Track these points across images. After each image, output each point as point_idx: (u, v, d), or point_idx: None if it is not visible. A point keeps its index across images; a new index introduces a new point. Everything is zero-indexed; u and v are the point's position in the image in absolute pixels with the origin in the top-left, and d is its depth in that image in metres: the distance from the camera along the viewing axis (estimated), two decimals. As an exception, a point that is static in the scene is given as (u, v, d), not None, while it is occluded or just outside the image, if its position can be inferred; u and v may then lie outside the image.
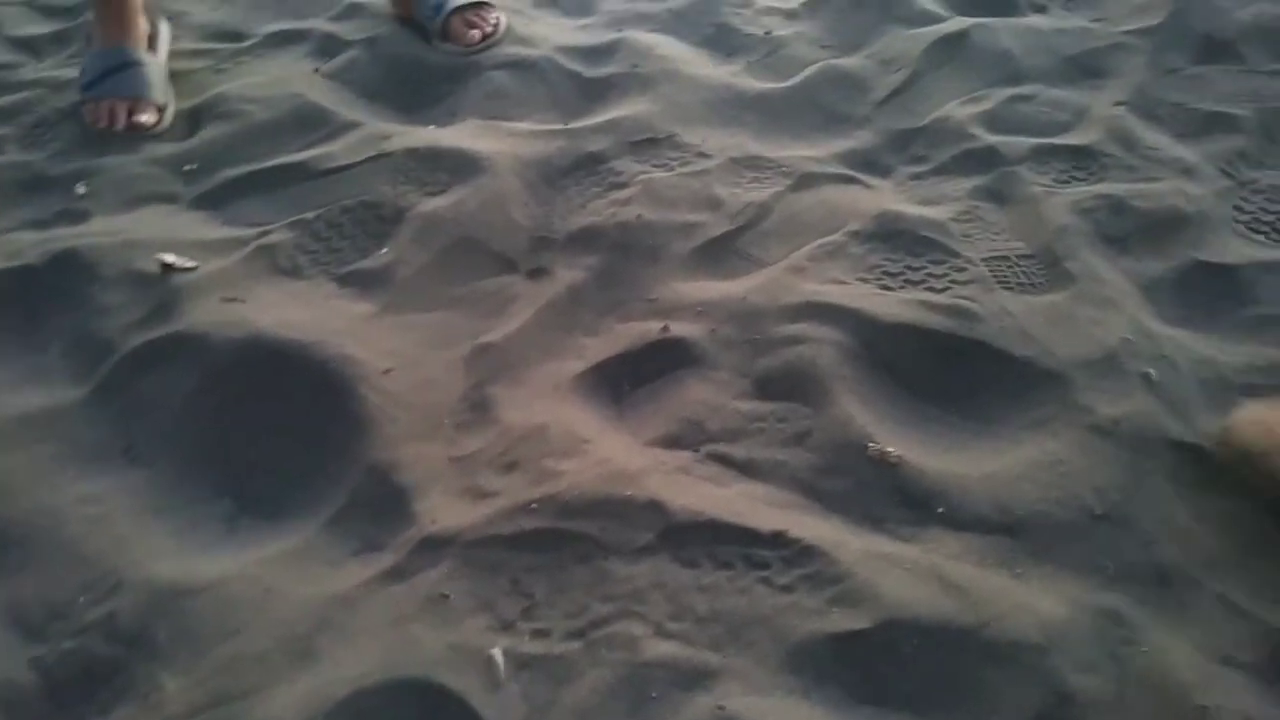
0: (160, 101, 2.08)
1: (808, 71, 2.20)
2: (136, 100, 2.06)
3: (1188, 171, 1.81)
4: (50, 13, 2.63)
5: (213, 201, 1.86)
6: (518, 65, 2.21)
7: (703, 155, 1.93)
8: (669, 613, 1.11)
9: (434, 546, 1.19)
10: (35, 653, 1.11)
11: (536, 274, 1.69)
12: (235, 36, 2.45)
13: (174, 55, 2.34)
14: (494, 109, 2.10)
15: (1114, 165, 1.84)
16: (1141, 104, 2.02)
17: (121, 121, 2.05)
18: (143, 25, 2.21)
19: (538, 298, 1.62)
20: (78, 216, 1.80)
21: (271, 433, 1.37)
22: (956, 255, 1.63)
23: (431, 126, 2.04)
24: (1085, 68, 2.15)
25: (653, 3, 2.52)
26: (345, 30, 2.41)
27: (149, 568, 1.18)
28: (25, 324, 1.57)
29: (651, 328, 1.52)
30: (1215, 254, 1.63)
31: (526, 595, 1.14)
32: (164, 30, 2.29)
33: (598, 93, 2.17)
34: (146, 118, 2.07)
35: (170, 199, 1.87)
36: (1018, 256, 1.64)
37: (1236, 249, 1.64)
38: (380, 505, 1.26)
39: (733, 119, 2.07)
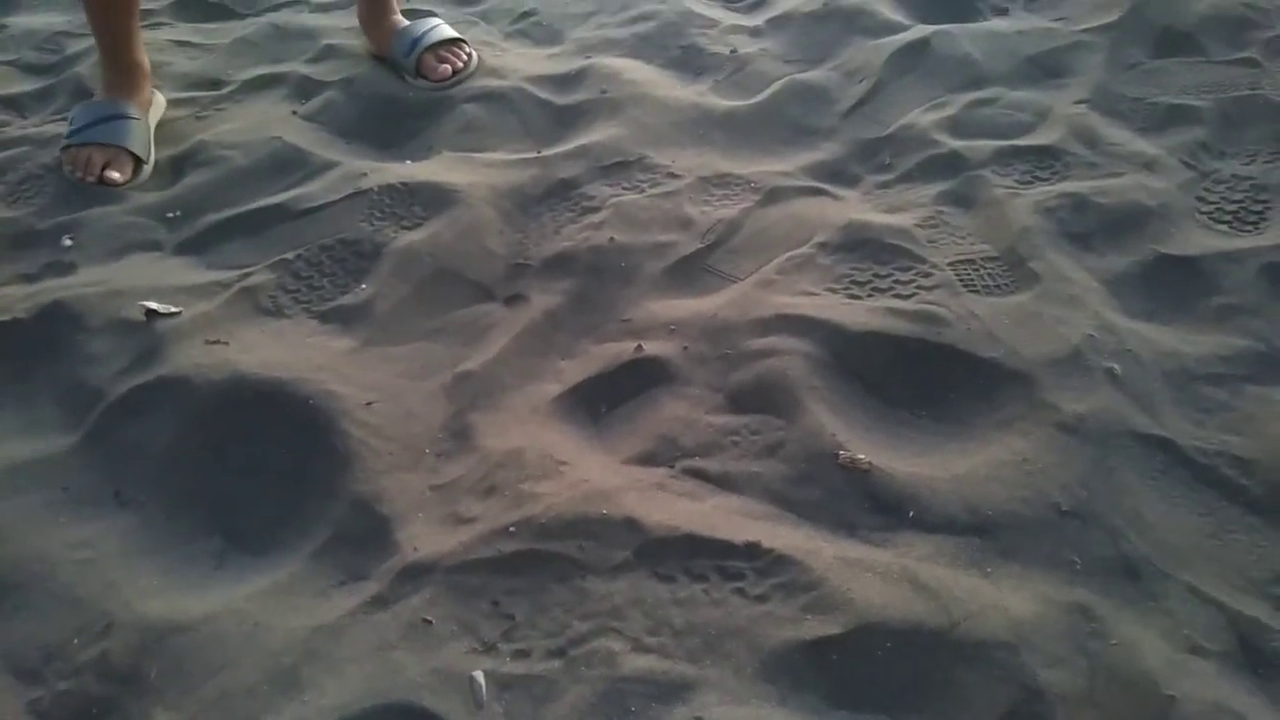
0: (139, 154, 2.12)
1: (773, 87, 2.24)
2: (116, 152, 2.09)
3: (1150, 165, 1.85)
4: (34, 71, 2.68)
5: (196, 247, 1.90)
6: (489, 97, 2.26)
7: (673, 175, 1.97)
8: (646, 627, 1.14)
9: (416, 574, 1.22)
10: (33, 695, 1.14)
11: (513, 301, 1.73)
12: (214, 84, 2.50)
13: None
14: (467, 141, 2.15)
15: (1076, 163, 1.87)
16: (1102, 101, 2.05)
17: (95, 174, 2.08)
18: (146, 90, 2.26)
19: (515, 324, 1.65)
20: (64, 269, 1.84)
21: (257, 470, 1.40)
22: (923, 261, 1.66)
23: (407, 162, 2.09)
24: (1046, 68, 2.19)
25: (620, 28, 2.57)
26: (321, 72, 2.46)
27: (140, 607, 1.21)
28: (16, 376, 1.60)
29: (626, 348, 1.56)
30: (1178, 246, 1.65)
31: (507, 617, 1.17)
32: (159, 100, 2.34)
33: (569, 119, 2.21)
34: (118, 175, 2.06)
35: (154, 246, 1.91)
36: (983, 259, 1.67)
37: (1200, 240, 1.67)
38: (363, 536, 1.29)
39: (701, 138, 2.11)
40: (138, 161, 2.12)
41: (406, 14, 2.60)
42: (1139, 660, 1.08)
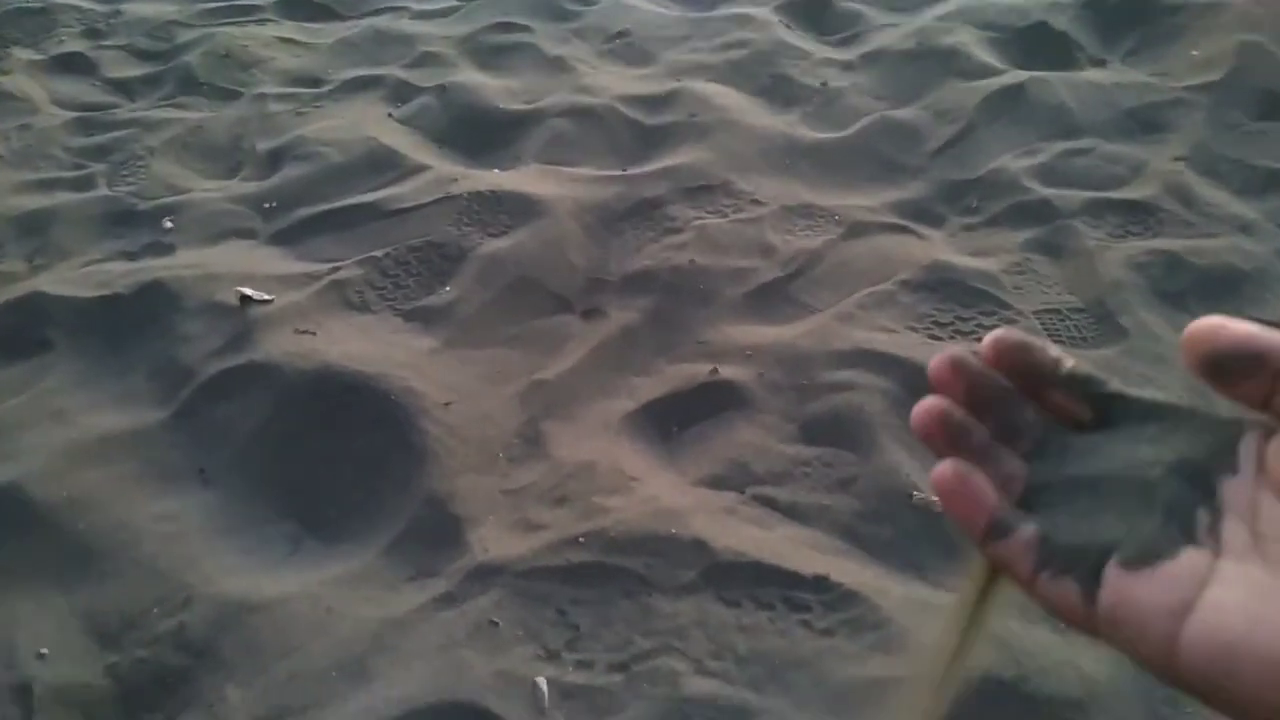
0: None
1: (863, 122, 2.24)
2: None
3: (1246, 228, 1.81)
4: (146, 56, 2.80)
5: (289, 238, 1.96)
6: (579, 113, 2.29)
7: (756, 203, 1.98)
8: (710, 651, 1.14)
9: (485, 575, 1.24)
10: (111, 660, 1.17)
11: (591, 314, 1.75)
12: (315, 82, 2.58)
13: (257, 99, 2.47)
14: (555, 154, 2.18)
15: (1171, 220, 1.84)
16: (1201, 160, 2.01)
17: None
18: None
19: (591, 337, 1.67)
20: (164, 249, 1.91)
21: (336, 459, 1.43)
22: (1007, 307, 1.64)
23: (496, 170, 2.13)
24: (1144, 122, 2.16)
25: (713, 53, 2.59)
26: (417, 77, 2.53)
27: (218, 584, 1.25)
28: (112, 349, 1.67)
29: (701, 370, 1.56)
30: (1274, 312, 1.61)
31: (572, 627, 1.18)
32: None
33: (656, 140, 2.24)
34: None
35: (250, 235, 1.98)
36: (1069, 310, 1.65)
37: (1295, 307, 1.63)
38: (435, 533, 1.32)
39: (787, 167, 2.12)
40: None
41: (503, 27, 2.66)
42: (1215, 733, 1.05)
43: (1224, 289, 1.66)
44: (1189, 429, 0.38)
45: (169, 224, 1.99)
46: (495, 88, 2.46)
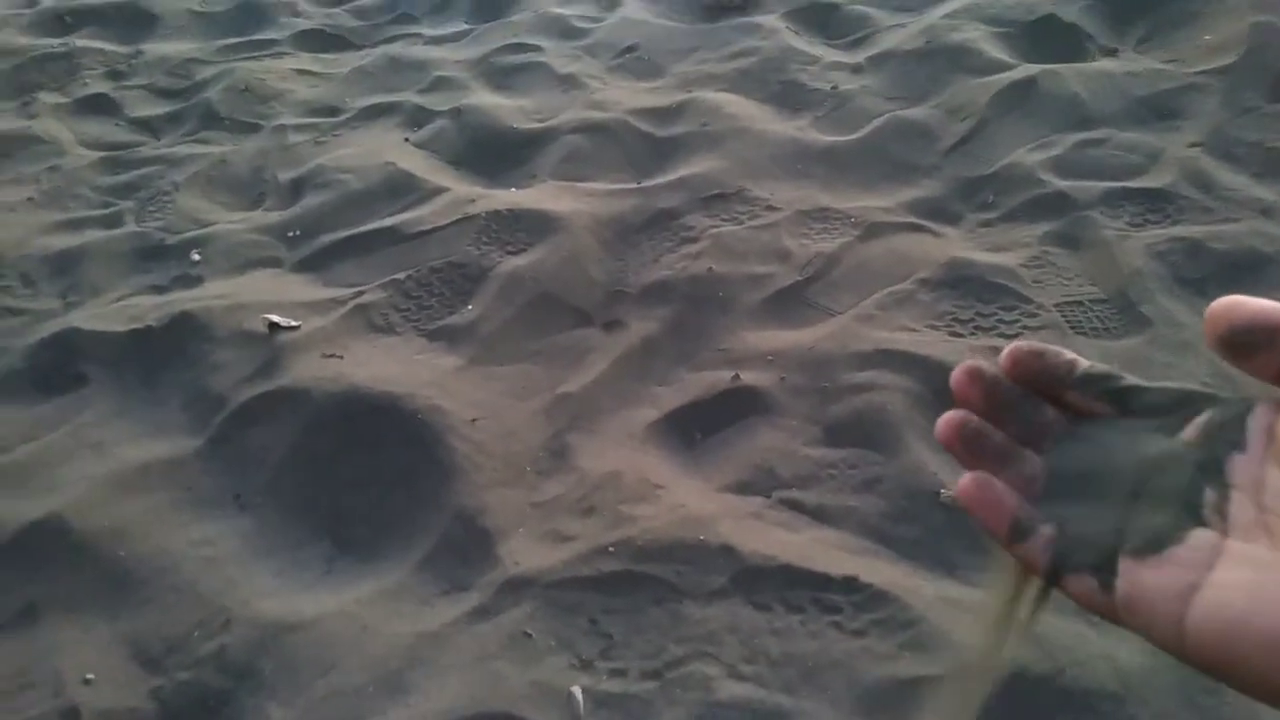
0: None
1: (874, 123, 2.25)
2: None
3: (1267, 211, 1.79)
4: (168, 95, 2.87)
5: (314, 265, 2.00)
6: (592, 129, 2.32)
7: (771, 208, 1.99)
8: (742, 655, 1.15)
9: (517, 587, 1.25)
10: (155, 683, 1.20)
11: (612, 326, 1.76)
12: (332, 111, 2.63)
13: (277, 130, 2.52)
14: (571, 171, 2.21)
15: (1190, 207, 1.83)
16: (1217, 144, 2.00)
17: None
18: None
19: (613, 349, 1.69)
20: (192, 282, 1.96)
21: (367, 479, 1.45)
22: (1028, 301, 1.64)
23: (513, 189, 2.16)
24: (1158, 110, 2.14)
25: (721, 63, 2.61)
26: (432, 101, 2.57)
27: (256, 606, 1.27)
28: (145, 381, 1.71)
29: (723, 376, 1.57)
30: (1299, 294, 1.60)
31: (605, 636, 1.19)
32: None
33: (669, 151, 2.26)
34: None
35: (275, 263, 2.02)
36: (1091, 301, 1.64)
37: (1321, 289, 1.61)
38: (467, 548, 1.33)
39: (801, 172, 2.13)
40: None
41: (514, 48, 2.70)
42: (1254, 718, 1.04)
43: (1246, 274, 1.65)
44: (1198, 411, 0.39)
45: (196, 256, 2.03)
46: (509, 108, 2.49)
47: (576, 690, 1.12)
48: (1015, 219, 1.88)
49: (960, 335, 1.59)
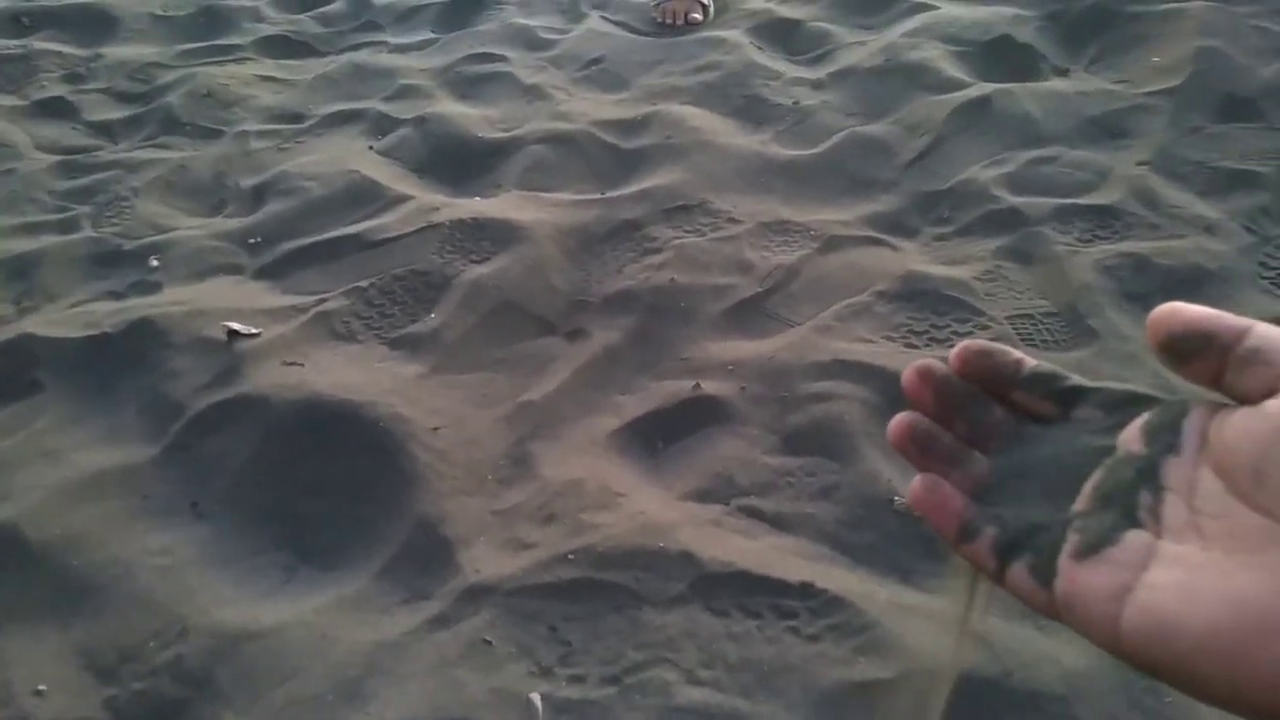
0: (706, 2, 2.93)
1: (835, 138, 2.29)
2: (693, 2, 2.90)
3: (1210, 229, 1.85)
4: (127, 99, 2.83)
5: (275, 272, 1.99)
6: (557, 139, 2.34)
7: (733, 220, 2.02)
8: (700, 660, 1.16)
9: (477, 595, 1.26)
10: (108, 694, 1.19)
11: (575, 335, 1.78)
12: (296, 118, 2.62)
13: (239, 136, 2.51)
14: (535, 181, 2.22)
15: (1137, 224, 1.89)
16: (1164, 163, 2.06)
17: (680, 19, 2.92)
18: None
19: (576, 358, 1.70)
20: (150, 288, 1.94)
21: (328, 488, 1.45)
22: (981, 314, 1.68)
23: (477, 198, 2.16)
24: (1107, 129, 2.21)
25: (686, 76, 2.64)
26: (397, 110, 2.57)
27: (213, 615, 1.26)
28: (102, 388, 1.69)
29: (684, 386, 1.59)
30: (1239, 311, 1.65)
31: (564, 643, 1.20)
32: None
33: (633, 163, 2.28)
34: (697, 15, 2.93)
35: (236, 270, 2.01)
36: (1041, 315, 1.69)
37: (1261, 305, 1.67)
38: (428, 556, 1.34)
39: (762, 185, 2.16)
40: (705, 7, 2.94)
41: (480, 58, 2.71)
42: (1195, 717, 1.07)
43: (1189, 288, 1.70)
44: (1137, 414, 0.41)
45: (155, 263, 2.01)
46: (474, 117, 2.50)
47: (536, 697, 1.13)
48: (970, 234, 1.93)
49: (915, 346, 1.63)
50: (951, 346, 1.45)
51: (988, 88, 2.35)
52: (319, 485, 1.45)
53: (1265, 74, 2.29)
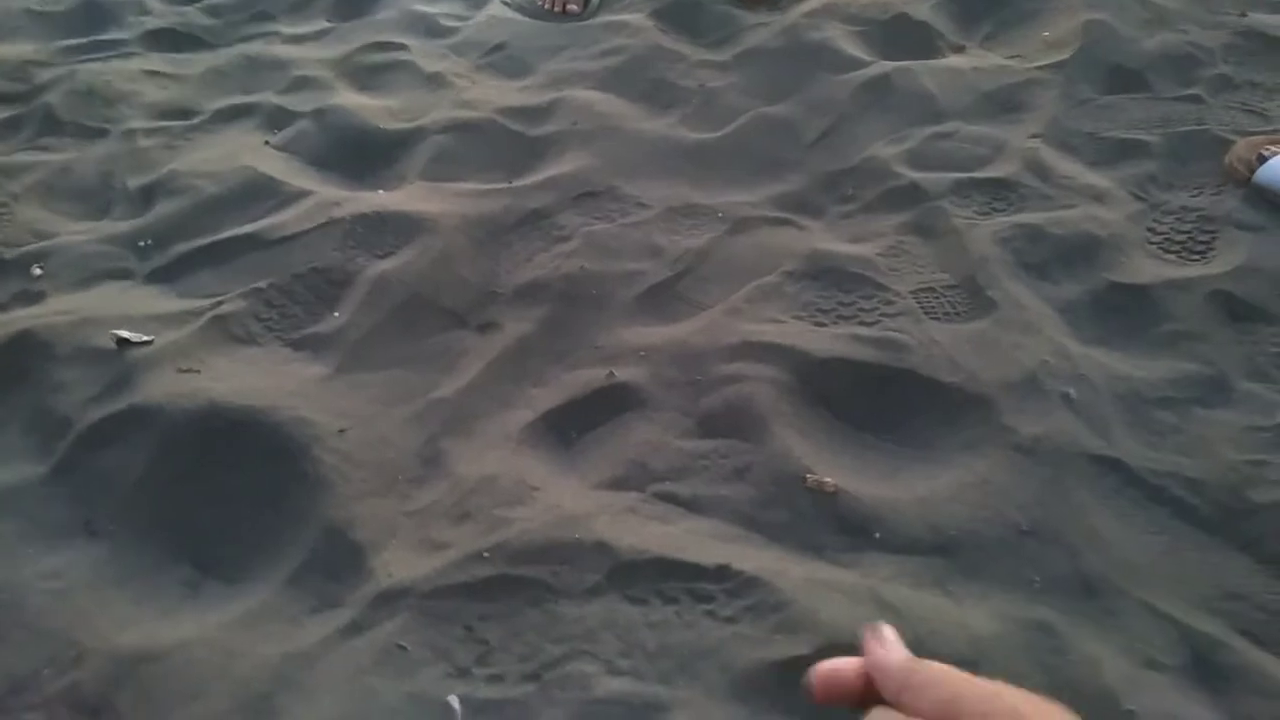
0: None
1: (741, 120, 2.29)
2: None
3: (1101, 197, 1.92)
4: (3, 100, 2.67)
5: (167, 275, 1.90)
6: (461, 128, 2.29)
7: (642, 205, 2.01)
8: (619, 650, 1.16)
9: (390, 600, 1.23)
10: (-1, 729, 1.13)
11: (485, 328, 1.75)
12: (186, 114, 2.51)
13: (125, 135, 2.39)
14: (439, 171, 2.17)
15: (1031, 195, 1.94)
16: (1055, 135, 2.13)
17: (559, 6, 2.89)
18: None
19: (487, 351, 1.67)
20: (34, 298, 1.84)
21: (230, 498, 1.40)
22: (885, 289, 1.70)
23: (380, 191, 2.11)
24: (1002, 103, 2.27)
25: (591, 61, 2.62)
26: (294, 102, 2.48)
27: (111, 637, 1.21)
28: (-17, 405, 1.59)
29: (597, 374, 1.58)
30: (1129, 275, 1.72)
31: (481, 642, 1.18)
32: None
33: (539, 150, 2.25)
34: (575, 6, 2.89)
35: (125, 275, 1.91)
36: (943, 287, 1.72)
37: (1149, 269, 1.73)
38: (337, 562, 1.30)
39: (671, 169, 2.15)
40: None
41: (378, 46, 2.64)
42: (1098, 676, 1.11)
43: (1083, 256, 1.76)
44: None
45: (38, 271, 1.91)
46: (374, 108, 2.44)
47: (454, 699, 1.11)
48: (873, 210, 1.96)
49: (824, 325, 1.64)
50: (858, 323, 1.47)
51: (888, 66, 2.39)
52: (220, 496, 1.40)
53: (1149, 45, 2.38)
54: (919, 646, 1.12)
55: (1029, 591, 1.22)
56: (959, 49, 2.56)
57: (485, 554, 1.27)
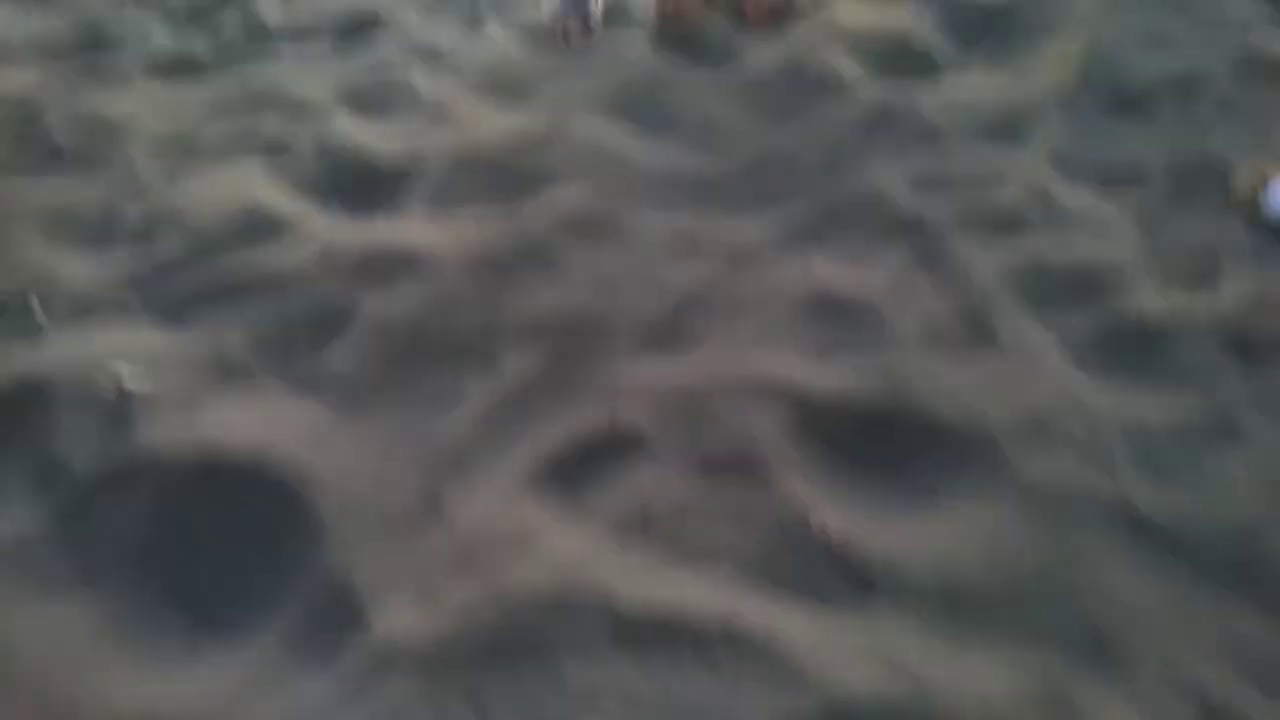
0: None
1: (742, 147, 2.28)
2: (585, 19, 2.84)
3: (1104, 226, 1.90)
4: (6, 129, 2.67)
5: (167, 312, 1.88)
6: (462, 156, 2.27)
7: (643, 236, 1.99)
8: (621, 707, 1.14)
9: (390, 658, 1.21)
10: (-4, 794, 1.11)
11: (486, 366, 1.72)
12: (186, 142, 2.50)
13: (127, 165, 2.38)
14: (440, 200, 2.16)
15: (1034, 224, 1.92)
16: (1058, 161, 2.11)
17: (574, 41, 2.86)
18: None
19: (488, 392, 1.65)
20: (33, 334, 1.82)
21: (229, 546, 1.39)
22: (888, 322, 1.69)
23: (379, 223, 2.09)
24: (1004, 129, 2.25)
25: (592, 87, 2.60)
26: (294, 131, 2.47)
27: (109, 697, 1.20)
28: (-18, 451, 1.58)
29: (599, 416, 1.56)
30: (1135, 308, 1.70)
31: (480, 705, 1.16)
32: None
33: (540, 178, 2.22)
34: (583, 39, 2.85)
35: (124, 309, 1.89)
36: (946, 320, 1.71)
37: (1153, 301, 1.71)
38: (336, 616, 1.28)
39: (671, 199, 2.14)
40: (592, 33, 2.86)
41: (379, 74, 2.62)
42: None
43: (1087, 288, 1.75)
44: None
45: (37, 306, 1.90)
46: (375, 136, 2.43)
47: (454, 761, 1.10)
48: (874, 240, 1.94)
49: (826, 361, 1.63)
50: (861, 358, 1.44)
51: (889, 90, 2.38)
52: (218, 545, 1.39)
53: (1151, 73, 2.36)
54: (926, 704, 1.11)
55: (1038, 645, 1.20)
56: (961, 72, 2.54)
57: (486, 609, 1.25)
